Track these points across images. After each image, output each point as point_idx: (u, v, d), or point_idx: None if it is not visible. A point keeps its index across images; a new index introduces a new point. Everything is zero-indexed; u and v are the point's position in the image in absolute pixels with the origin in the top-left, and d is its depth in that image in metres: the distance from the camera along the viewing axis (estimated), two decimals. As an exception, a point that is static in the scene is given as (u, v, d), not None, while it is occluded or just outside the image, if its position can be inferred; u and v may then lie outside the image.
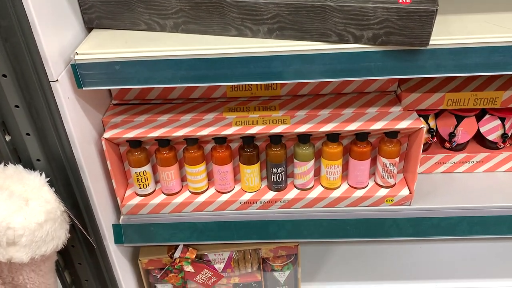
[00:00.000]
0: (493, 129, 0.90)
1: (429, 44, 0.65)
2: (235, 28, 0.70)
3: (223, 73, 0.69)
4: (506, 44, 0.66)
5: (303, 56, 0.67)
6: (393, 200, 0.86)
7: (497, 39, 0.66)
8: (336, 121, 0.81)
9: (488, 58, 0.67)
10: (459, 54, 0.67)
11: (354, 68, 0.68)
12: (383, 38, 0.65)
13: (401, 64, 0.68)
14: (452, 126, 0.91)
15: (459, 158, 0.93)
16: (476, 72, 0.68)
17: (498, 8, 0.76)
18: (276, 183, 0.87)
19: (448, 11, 0.75)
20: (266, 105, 0.87)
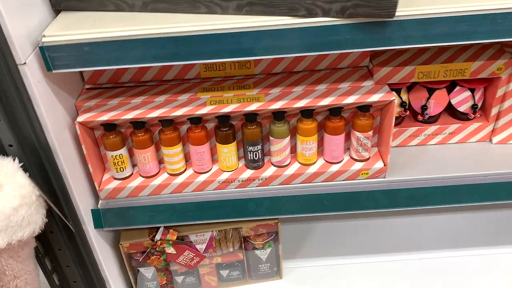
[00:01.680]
0: (464, 100, 0.93)
1: (396, 16, 0.66)
2: (204, 6, 0.70)
3: (194, 51, 0.69)
4: (471, 13, 0.67)
5: (272, 31, 0.68)
6: (368, 173, 0.88)
7: (462, 8, 0.67)
8: (310, 97, 0.82)
9: (454, 27, 0.68)
10: (426, 25, 0.68)
11: (323, 42, 0.69)
12: (351, 11, 0.65)
13: (370, 37, 0.69)
14: (424, 99, 0.93)
15: (432, 130, 0.95)
16: (443, 42, 0.70)
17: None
18: (253, 161, 0.88)
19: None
20: (240, 84, 0.87)
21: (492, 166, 0.89)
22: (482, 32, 0.69)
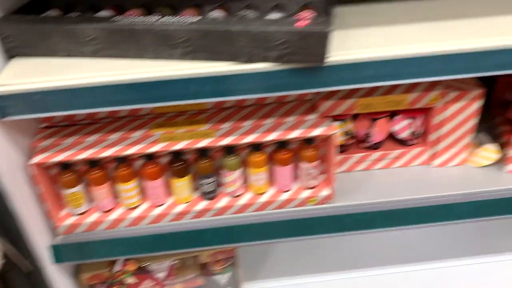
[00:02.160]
0: (404, 127, 0.99)
1: (328, 61, 0.72)
2: (151, 52, 0.74)
3: (142, 97, 0.73)
4: (397, 57, 0.74)
5: (216, 77, 0.72)
6: (316, 200, 0.93)
7: (388, 52, 0.73)
8: (258, 131, 0.86)
9: (381, 70, 0.74)
10: (356, 68, 0.74)
11: (264, 85, 0.74)
12: (287, 58, 0.71)
13: (306, 80, 0.74)
14: (367, 127, 0.99)
15: (376, 156, 1.01)
16: (372, 83, 0.76)
17: (398, 20, 0.83)
18: (207, 193, 0.92)
19: (354, 24, 0.83)
20: (193, 119, 0.91)
21: (431, 189, 0.96)
22: (408, 73, 0.75)
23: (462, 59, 0.74)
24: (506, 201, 0.96)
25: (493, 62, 0.75)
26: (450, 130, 0.97)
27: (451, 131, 0.97)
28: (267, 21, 0.71)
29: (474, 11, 0.85)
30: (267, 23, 0.69)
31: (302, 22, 0.69)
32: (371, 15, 0.87)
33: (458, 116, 0.94)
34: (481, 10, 0.85)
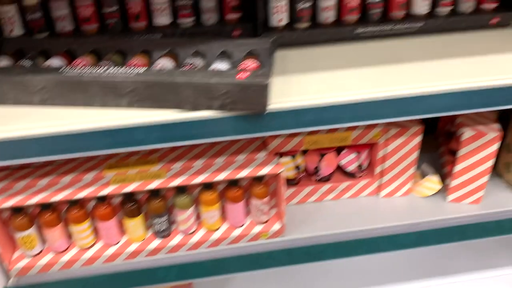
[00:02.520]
0: (351, 161, 1.04)
1: (270, 108, 0.76)
2: (98, 101, 0.76)
3: (89, 145, 0.75)
4: (335, 104, 0.78)
5: (161, 125, 0.75)
6: (268, 234, 0.96)
7: (328, 99, 0.78)
8: (208, 171, 0.89)
9: (321, 115, 0.79)
10: (297, 114, 0.78)
11: (209, 131, 0.77)
12: (230, 106, 0.74)
13: (250, 125, 0.77)
14: (316, 162, 1.03)
15: (326, 188, 1.06)
16: (313, 127, 0.80)
17: (339, 64, 0.88)
18: (160, 231, 0.94)
19: (297, 69, 0.87)
20: (145, 159, 0.93)
21: (378, 219, 1.01)
22: (346, 118, 0.80)
23: (395, 104, 0.79)
24: (447, 231, 1.02)
25: (423, 106, 0.80)
26: (394, 163, 1.02)
27: (395, 164, 1.02)
28: (210, 73, 0.74)
29: (411, 55, 0.91)
30: (210, 75, 0.73)
31: (243, 74, 0.73)
32: (314, 58, 0.92)
33: (400, 150, 1.00)
34: (418, 55, 0.91)
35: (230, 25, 0.99)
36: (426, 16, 0.98)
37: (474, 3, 0.99)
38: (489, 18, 0.99)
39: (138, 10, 0.96)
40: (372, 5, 0.96)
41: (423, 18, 0.98)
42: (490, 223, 1.03)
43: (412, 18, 0.98)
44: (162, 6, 0.96)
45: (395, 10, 0.97)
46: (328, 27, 0.96)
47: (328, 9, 0.95)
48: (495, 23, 1.00)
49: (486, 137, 0.95)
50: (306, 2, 0.93)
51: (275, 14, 0.94)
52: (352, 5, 0.95)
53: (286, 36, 0.95)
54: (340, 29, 0.96)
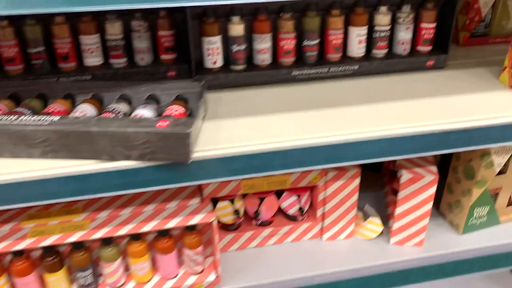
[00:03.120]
0: (291, 204, 1.01)
1: (196, 156, 0.72)
2: (8, 151, 0.71)
3: None
4: (265, 151, 0.75)
5: (76, 177, 0.70)
6: (202, 286, 0.91)
7: (258, 146, 0.75)
8: (135, 221, 0.84)
9: (250, 163, 0.76)
10: (225, 162, 0.75)
11: (130, 182, 0.72)
12: (150, 156, 0.70)
13: (175, 175, 0.74)
14: (256, 205, 1.00)
15: (268, 232, 1.02)
16: (243, 175, 0.77)
17: (269, 109, 0.86)
18: (85, 286, 0.87)
19: (227, 113, 0.85)
20: (69, 208, 0.87)
21: (320, 264, 0.97)
22: (277, 165, 0.77)
23: (326, 151, 0.77)
24: (390, 275, 0.99)
25: (354, 153, 0.79)
26: (335, 206, 1.00)
27: (336, 206, 1.00)
28: (128, 121, 0.70)
29: (345, 99, 0.90)
30: (128, 124, 0.69)
31: (163, 122, 0.69)
32: (249, 101, 0.90)
33: (340, 193, 0.98)
34: (352, 98, 0.90)
35: (164, 66, 0.96)
36: (362, 59, 0.98)
37: (410, 46, 1.00)
38: (424, 60, 1.00)
39: (66, 51, 0.92)
40: (307, 48, 0.95)
41: (358, 60, 0.98)
42: (433, 267, 1.01)
43: (347, 60, 0.98)
44: (92, 47, 0.92)
45: (331, 53, 0.97)
46: (264, 69, 0.95)
47: (264, 52, 0.94)
48: (431, 65, 1.01)
49: (423, 180, 0.94)
50: (241, 44, 0.92)
51: (209, 56, 0.92)
52: (288, 48, 0.94)
53: (222, 78, 0.93)
54: (276, 71, 0.95)
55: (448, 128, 0.80)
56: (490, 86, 0.94)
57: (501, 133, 0.83)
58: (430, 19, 0.97)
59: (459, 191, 1.04)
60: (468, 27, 1.13)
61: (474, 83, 0.96)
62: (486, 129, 0.82)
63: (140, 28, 0.94)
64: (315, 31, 0.94)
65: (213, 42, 0.90)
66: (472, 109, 0.85)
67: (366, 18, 0.94)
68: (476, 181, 0.98)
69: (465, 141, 0.82)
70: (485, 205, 1.03)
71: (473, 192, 1.00)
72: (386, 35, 0.96)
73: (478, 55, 1.10)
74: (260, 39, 0.92)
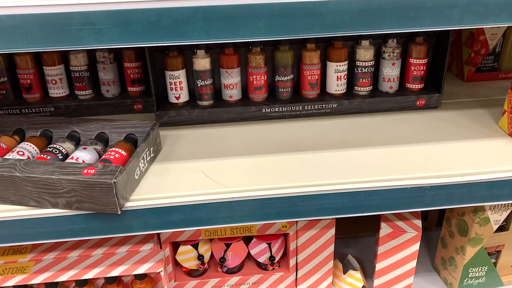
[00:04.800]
0: (261, 251, 0.92)
1: (129, 206, 0.66)
2: None
3: None
4: (209, 201, 0.68)
5: (4, 221, 0.66)
6: (154, 339, 0.84)
7: (201, 197, 0.68)
8: (79, 266, 0.79)
9: (192, 214, 0.69)
10: (162, 213, 0.68)
11: (57, 230, 0.67)
12: (76, 205, 0.65)
13: (107, 225, 0.68)
14: (222, 251, 0.92)
15: (235, 281, 0.94)
16: (181, 228, 0.70)
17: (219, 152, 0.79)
18: (28, 330, 0.83)
19: (186, 155, 0.78)
20: (18, 247, 0.83)
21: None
22: (221, 218, 0.69)
23: (278, 204, 0.69)
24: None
25: (311, 207, 0.70)
26: (309, 256, 0.90)
27: (310, 257, 0.90)
28: (54, 167, 0.65)
29: (315, 142, 0.81)
30: (53, 170, 0.64)
31: (90, 169, 0.64)
32: (209, 141, 0.83)
33: (313, 242, 0.88)
34: (323, 141, 0.82)
35: (131, 99, 0.92)
36: (341, 96, 0.89)
37: (397, 83, 0.90)
38: (414, 99, 0.89)
39: (29, 82, 0.89)
40: (280, 83, 0.87)
41: (337, 98, 0.89)
42: (418, 332, 0.90)
43: (325, 98, 0.89)
44: (56, 78, 0.89)
45: (306, 90, 0.88)
46: (232, 106, 0.88)
47: (231, 87, 0.87)
48: (422, 104, 0.90)
49: (404, 236, 0.83)
50: (207, 79, 0.86)
51: (172, 91, 0.86)
52: (258, 83, 0.87)
53: (185, 114, 0.87)
54: (245, 108, 0.87)
55: (421, 184, 0.69)
56: (486, 132, 0.82)
57: (489, 191, 0.72)
58: (420, 55, 0.87)
59: (452, 247, 0.92)
60: (473, 60, 1.01)
61: (468, 127, 0.84)
62: (468, 186, 0.70)
63: (104, 60, 0.90)
64: (287, 66, 0.86)
65: (175, 77, 0.85)
66: (456, 161, 0.73)
67: (345, 52, 0.86)
68: (469, 238, 0.86)
69: (444, 198, 0.71)
70: (482, 266, 0.90)
71: (466, 250, 0.87)
72: (368, 71, 0.87)
73: (482, 93, 0.98)
74: (227, 74, 0.86)
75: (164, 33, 0.54)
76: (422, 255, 1.06)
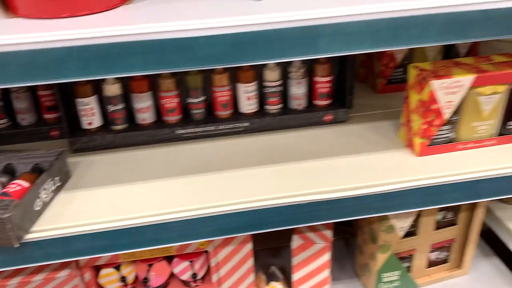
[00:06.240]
0: (184, 270, 0.94)
1: (29, 238, 0.67)
2: None
3: None
4: (112, 229, 0.70)
5: None
6: None
7: (100, 225, 0.70)
8: (-7, 298, 0.79)
9: (95, 243, 0.70)
10: (65, 243, 0.69)
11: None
12: (-27, 240, 0.65)
13: (8, 258, 0.68)
14: (145, 271, 0.94)
15: (160, 299, 0.96)
16: (86, 256, 0.71)
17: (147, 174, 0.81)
18: None
19: (95, 183, 0.80)
20: None
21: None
22: (124, 244, 0.71)
23: (179, 227, 0.72)
24: None
25: (212, 227, 0.73)
26: (229, 272, 0.93)
27: (230, 272, 0.93)
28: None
29: (228, 162, 0.84)
30: None
31: (-16, 205, 0.64)
32: (118, 166, 0.84)
33: (232, 258, 0.91)
34: (235, 160, 0.84)
35: (47, 126, 0.93)
36: (253, 115, 0.92)
37: (305, 101, 0.94)
38: (321, 115, 0.94)
39: None
40: (192, 105, 0.90)
41: (249, 117, 0.92)
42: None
43: (238, 117, 0.92)
44: (-33, 108, 0.89)
45: (219, 110, 0.91)
46: (146, 129, 0.90)
47: (143, 111, 0.89)
48: (330, 119, 0.94)
49: (314, 247, 0.87)
50: (117, 104, 0.87)
51: (84, 117, 0.87)
52: (170, 106, 0.89)
53: (98, 139, 0.88)
54: (158, 130, 0.90)
55: (316, 199, 0.73)
56: (387, 144, 0.87)
57: (382, 203, 0.76)
58: (324, 73, 0.91)
59: (367, 254, 0.96)
60: (383, 73, 1.06)
61: (370, 140, 0.89)
62: (361, 198, 0.75)
63: (17, 89, 0.90)
64: (198, 89, 0.88)
65: (86, 103, 0.86)
66: (352, 174, 0.78)
67: (252, 74, 0.89)
68: (379, 245, 0.91)
69: (339, 212, 0.75)
70: (394, 270, 0.95)
71: (377, 256, 0.92)
72: (276, 90, 0.91)
73: (392, 105, 1.03)
74: (138, 98, 0.87)
75: (41, 73, 0.56)
76: (347, 261, 1.10)
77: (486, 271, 1.07)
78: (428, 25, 0.61)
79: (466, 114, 0.79)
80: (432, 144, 0.81)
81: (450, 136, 0.82)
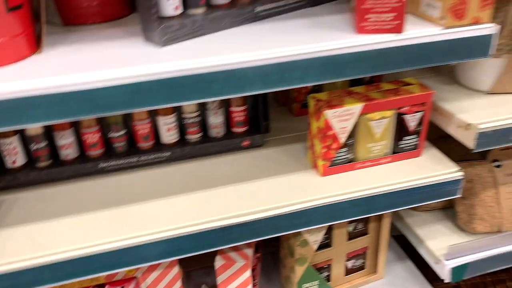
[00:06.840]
0: (116, 296, 0.99)
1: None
2: None
3: None
4: (29, 267, 0.74)
5: None
6: None
7: (21, 263, 0.73)
8: None
9: (16, 280, 0.74)
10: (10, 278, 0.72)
11: None
12: None
13: None
14: (77, 301, 0.97)
15: (94, 326, 0.99)
16: None
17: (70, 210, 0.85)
18: None
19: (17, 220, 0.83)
20: None
21: None
22: (46, 278, 0.75)
23: (100, 259, 0.76)
24: None
25: (133, 257, 0.78)
26: (159, 295, 0.98)
27: (160, 295, 0.98)
28: None
29: (146, 192, 0.90)
30: None
31: None
32: (42, 202, 0.88)
33: (160, 282, 0.96)
34: (155, 190, 0.90)
35: (-29, 165, 0.94)
36: (174, 145, 0.98)
37: (223, 129, 1.01)
38: (239, 141, 1.01)
39: None
40: (113, 139, 0.95)
41: (170, 147, 0.98)
42: None
43: (159, 147, 0.98)
44: None
45: (140, 142, 0.96)
46: (70, 164, 0.94)
47: (66, 147, 0.93)
48: (248, 145, 1.02)
49: (235, 266, 0.94)
50: (40, 142, 0.91)
51: (7, 156, 0.90)
52: (92, 141, 0.93)
53: (22, 177, 0.91)
54: (81, 165, 0.94)
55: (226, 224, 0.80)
56: (296, 166, 0.95)
57: (289, 221, 0.84)
58: (239, 103, 0.98)
59: (288, 267, 1.04)
60: (297, 98, 1.15)
61: (282, 162, 0.97)
62: (270, 219, 0.82)
63: None
64: (118, 123, 0.93)
65: (8, 143, 0.89)
66: (261, 197, 0.85)
67: (171, 107, 0.95)
68: (296, 259, 0.99)
69: (249, 233, 0.82)
70: (312, 281, 1.03)
71: (295, 269, 1.00)
72: (195, 121, 0.97)
73: (306, 127, 1.12)
74: (59, 135, 0.91)
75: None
76: (275, 275, 1.18)
77: (399, 274, 1.18)
78: (308, 68, 0.70)
79: (361, 137, 0.89)
80: (333, 165, 0.90)
81: (349, 157, 0.91)
